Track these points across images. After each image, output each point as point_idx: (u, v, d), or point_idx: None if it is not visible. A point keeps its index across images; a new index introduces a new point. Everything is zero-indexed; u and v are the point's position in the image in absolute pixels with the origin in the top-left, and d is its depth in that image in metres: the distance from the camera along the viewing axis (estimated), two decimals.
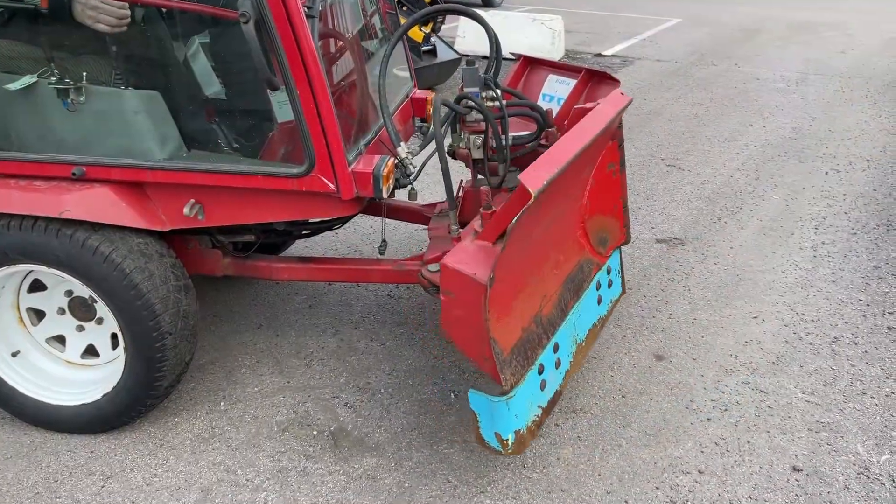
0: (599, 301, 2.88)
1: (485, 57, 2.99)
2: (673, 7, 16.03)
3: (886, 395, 3.01)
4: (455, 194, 3.10)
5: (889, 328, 3.51)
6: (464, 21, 9.75)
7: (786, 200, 5.02)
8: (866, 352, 3.31)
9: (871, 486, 2.54)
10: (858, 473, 2.60)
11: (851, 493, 2.51)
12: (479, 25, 2.86)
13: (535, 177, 2.01)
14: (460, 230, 2.66)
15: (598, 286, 2.87)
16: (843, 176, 5.55)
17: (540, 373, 2.41)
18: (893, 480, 2.57)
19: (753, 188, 5.24)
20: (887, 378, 3.12)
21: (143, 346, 2.50)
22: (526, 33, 9.42)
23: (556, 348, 2.52)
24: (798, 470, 2.61)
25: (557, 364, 2.53)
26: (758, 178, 5.43)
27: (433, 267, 2.57)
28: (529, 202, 1.97)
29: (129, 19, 2.30)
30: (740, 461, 2.65)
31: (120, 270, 2.40)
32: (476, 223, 2.37)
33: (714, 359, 3.23)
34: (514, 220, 2.03)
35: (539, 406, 2.42)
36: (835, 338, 3.41)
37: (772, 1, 17.24)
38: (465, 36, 9.63)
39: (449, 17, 11.08)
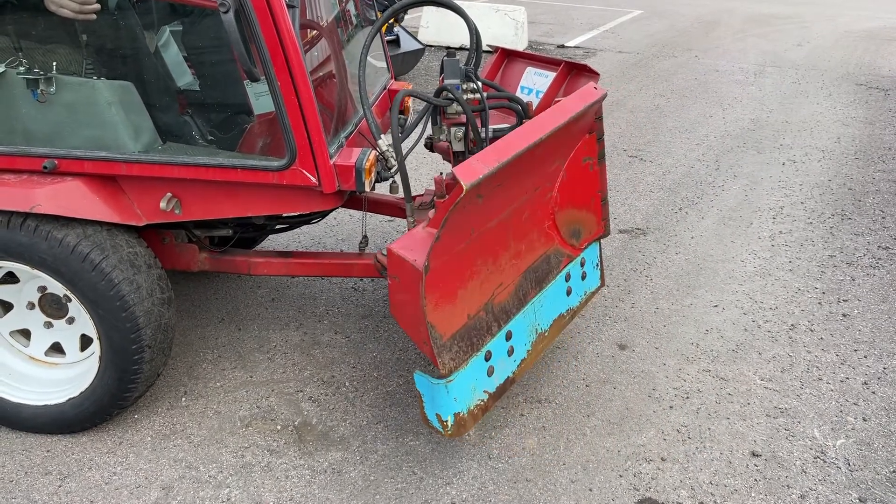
0: (569, 292, 2.90)
1: (448, 47, 2.98)
2: None
3: (841, 381, 3.09)
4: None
5: (844, 315, 3.60)
6: (427, 11, 9.70)
7: (745, 191, 5.11)
8: (822, 338, 3.40)
9: (827, 470, 2.61)
10: (815, 458, 2.66)
11: (808, 477, 2.57)
12: (449, 16, 2.84)
13: (470, 170, 2.03)
14: (415, 220, 2.66)
15: (569, 277, 2.89)
16: (799, 166, 5.67)
17: (487, 359, 2.44)
18: (849, 464, 2.64)
19: (713, 179, 5.33)
20: (842, 364, 3.21)
21: (120, 358, 2.45)
22: (489, 24, 9.41)
23: (508, 336, 2.54)
24: (757, 455, 2.66)
25: (510, 352, 2.56)
26: (717, 169, 5.52)
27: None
28: (462, 194, 1.99)
29: (93, 6, 2.23)
30: (701, 448, 2.70)
31: (108, 280, 2.35)
32: (431, 212, 2.37)
33: (676, 347, 3.28)
34: (449, 211, 2.04)
35: (485, 391, 2.45)
36: (792, 325, 3.49)
37: None
38: (429, 26, 9.60)
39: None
